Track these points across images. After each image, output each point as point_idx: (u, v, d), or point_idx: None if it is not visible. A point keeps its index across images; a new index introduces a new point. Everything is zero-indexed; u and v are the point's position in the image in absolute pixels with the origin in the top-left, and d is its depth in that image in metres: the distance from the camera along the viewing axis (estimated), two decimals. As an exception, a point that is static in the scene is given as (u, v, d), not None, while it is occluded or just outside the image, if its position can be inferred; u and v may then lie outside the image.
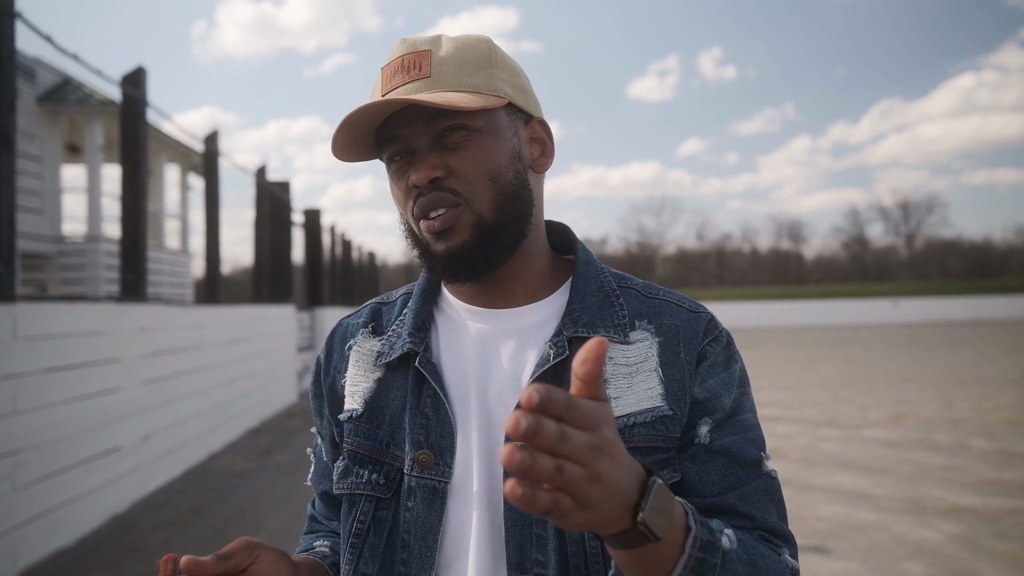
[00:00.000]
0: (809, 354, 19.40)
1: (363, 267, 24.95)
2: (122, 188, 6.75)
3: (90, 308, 5.54)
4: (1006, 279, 53.73)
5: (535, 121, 0.97)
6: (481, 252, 0.90)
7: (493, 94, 0.90)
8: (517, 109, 0.94)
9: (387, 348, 0.98)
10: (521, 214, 0.93)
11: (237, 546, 0.85)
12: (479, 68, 0.91)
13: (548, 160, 0.98)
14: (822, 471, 6.54)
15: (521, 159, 0.93)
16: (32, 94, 10.49)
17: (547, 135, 0.98)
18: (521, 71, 0.97)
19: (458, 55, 0.90)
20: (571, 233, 1.05)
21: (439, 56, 0.90)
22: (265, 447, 8.24)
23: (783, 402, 10.82)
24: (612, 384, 0.90)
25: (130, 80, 6.75)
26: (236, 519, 5.48)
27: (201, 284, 11.80)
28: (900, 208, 69.54)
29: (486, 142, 0.90)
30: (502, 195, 0.90)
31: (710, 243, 71.71)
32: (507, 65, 0.94)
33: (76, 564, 4.55)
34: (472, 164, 0.89)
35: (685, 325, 0.94)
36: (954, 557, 4.34)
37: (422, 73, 0.89)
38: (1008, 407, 9.77)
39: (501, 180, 0.90)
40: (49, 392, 4.78)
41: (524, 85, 0.96)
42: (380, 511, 0.92)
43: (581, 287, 0.96)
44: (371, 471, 0.93)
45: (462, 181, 0.89)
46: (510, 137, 0.92)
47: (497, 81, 0.91)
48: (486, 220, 0.89)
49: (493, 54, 0.93)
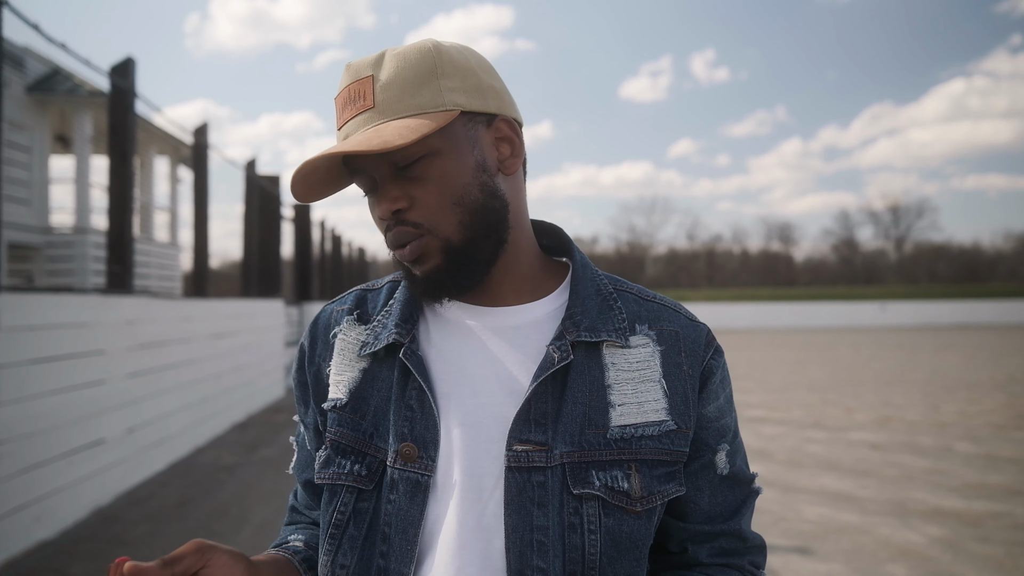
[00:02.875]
0: (797, 356, 19.48)
1: (353, 262, 24.91)
2: (110, 179, 6.71)
3: (76, 300, 5.51)
4: (994, 284, 54.02)
5: (498, 120, 0.92)
6: (454, 274, 0.90)
7: (441, 109, 0.86)
8: (475, 114, 0.90)
9: (372, 338, 0.96)
10: (492, 225, 0.91)
11: (187, 549, 0.82)
12: (423, 84, 0.87)
13: (517, 160, 0.94)
14: (807, 473, 6.56)
15: (486, 168, 0.90)
16: (21, 84, 10.40)
17: (514, 132, 0.93)
18: (477, 66, 0.92)
19: (400, 76, 0.87)
20: (565, 235, 1.04)
21: (381, 82, 0.87)
22: (251, 441, 8.21)
23: (770, 403, 10.86)
24: (616, 390, 0.90)
25: (119, 71, 6.70)
26: (221, 513, 5.45)
27: (189, 277, 11.75)
28: (890, 212, 69.81)
29: (445, 164, 0.87)
30: (468, 215, 0.88)
31: (700, 244, 71.81)
32: (456, 68, 0.89)
33: (59, 556, 4.52)
34: (434, 192, 0.87)
35: (684, 333, 0.95)
36: (937, 560, 4.36)
37: (366, 104, 0.87)
38: (993, 411, 9.82)
39: (466, 200, 0.88)
40: (33, 383, 4.75)
41: (481, 83, 0.91)
42: (361, 503, 0.91)
43: (580, 290, 0.95)
44: (353, 462, 0.92)
45: (424, 212, 0.88)
46: (470, 149, 0.89)
47: (444, 93, 0.87)
48: (454, 243, 0.88)
49: (437, 63, 0.88)
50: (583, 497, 0.86)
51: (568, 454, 0.87)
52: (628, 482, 0.87)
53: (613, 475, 0.87)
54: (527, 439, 0.87)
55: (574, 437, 0.87)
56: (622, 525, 0.87)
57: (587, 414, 0.88)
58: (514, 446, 0.86)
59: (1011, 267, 62.74)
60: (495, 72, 0.95)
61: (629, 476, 0.87)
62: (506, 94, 0.95)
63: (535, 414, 0.88)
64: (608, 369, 0.91)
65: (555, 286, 0.98)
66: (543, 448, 0.86)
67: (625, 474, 0.87)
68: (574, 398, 0.89)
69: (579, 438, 0.87)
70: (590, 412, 0.88)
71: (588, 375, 0.90)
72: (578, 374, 0.90)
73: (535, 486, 0.86)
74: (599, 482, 0.86)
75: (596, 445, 0.87)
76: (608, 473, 0.87)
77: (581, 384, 0.89)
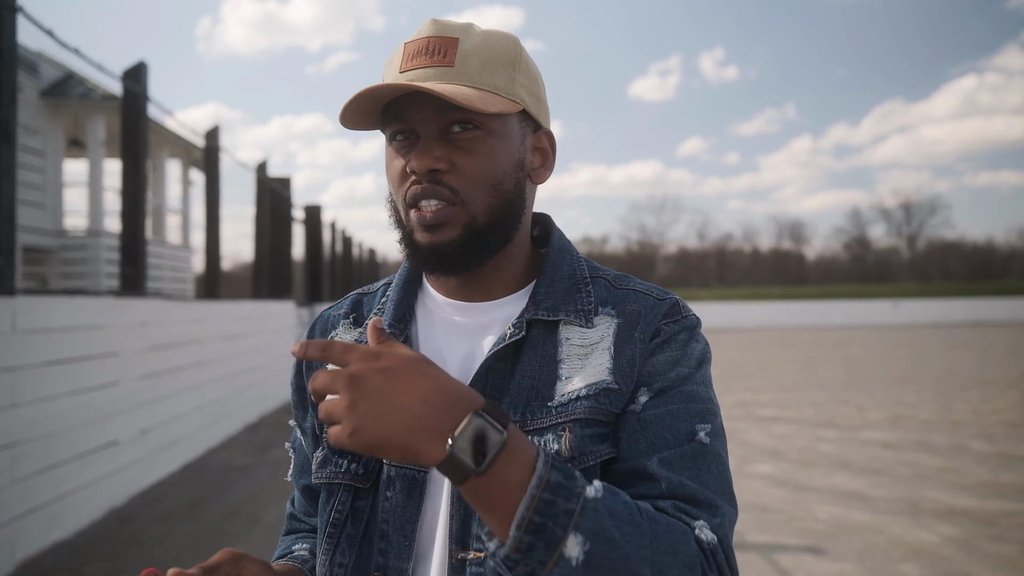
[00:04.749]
0: (809, 355, 19.39)
1: (363, 264, 24.96)
2: (122, 182, 6.76)
3: (89, 302, 5.55)
4: (1008, 281, 53.62)
5: (543, 132, 0.96)
6: (465, 252, 0.90)
7: (511, 98, 0.89)
8: (529, 117, 0.94)
9: (366, 338, 0.98)
10: (511, 221, 0.92)
11: (222, 558, 0.84)
12: (502, 68, 0.89)
13: (547, 172, 0.97)
14: (820, 472, 6.54)
15: (523, 168, 0.93)
16: (35, 88, 10.49)
17: (551, 147, 0.97)
18: (540, 79, 0.97)
19: (484, 50, 0.89)
20: (550, 222, 1.04)
21: (465, 47, 0.88)
22: (263, 442, 8.25)
23: (781, 402, 10.82)
24: (566, 363, 0.89)
25: (131, 75, 6.75)
26: (233, 513, 5.48)
27: (201, 279, 11.81)
28: (902, 209, 69.50)
29: (495, 146, 0.89)
30: (499, 201, 0.90)
31: (711, 243, 71.70)
32: (529, 71, 0.93)
33: (74, 556, 4.56)
34: (477, 166, 0.88)
35: (647, 310, 0.93)
36: (950, 559, 4.34)
37: (445, 61, 0.87)
38: (1007, 410, 9.76)
39: (502, 187, 0.90)
40: (48, 385, 4.79)
41: (540, 94, 0.95)
42: (358, 501, 0.92)
43: (550, 273, 0.96)
44: (350, 460, 0.93)
45: (463, 180, 0.87)
46: (518, 144, 0.92)
47: (517, 85, 0.90)
48: (479, 223, 0.89)
49: (518, 57, 0.92)
50: None
51: None
52: (559, 443, 0.85)
53: (546, 439, 0.86)
54: None
55: (519, 407, 0.87)
56: None
57: (534, 386, 0.89)
58: None
59: (1025, 264, 62.23)
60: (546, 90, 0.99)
61: (561, 438, 0.85)
62: (549, 114, 0.99)
63: (490, 389, 0.89)
64: (561, 344, 0.91)
65: (536, 275, 0.99)
66: None
67: (557, 436, 0.85)
68: (523, 371, 0.89)
69: (524, 408, 0.87)
70: (538, 384, 0.89)
71: (540, 350, 0.90)
72: (531, 349, 0.90)
73: None
74: None
75: (538, 414, 0.87)
76: (542, 437, 0.86)
77: (532, 358, 0.90)
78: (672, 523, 0.77)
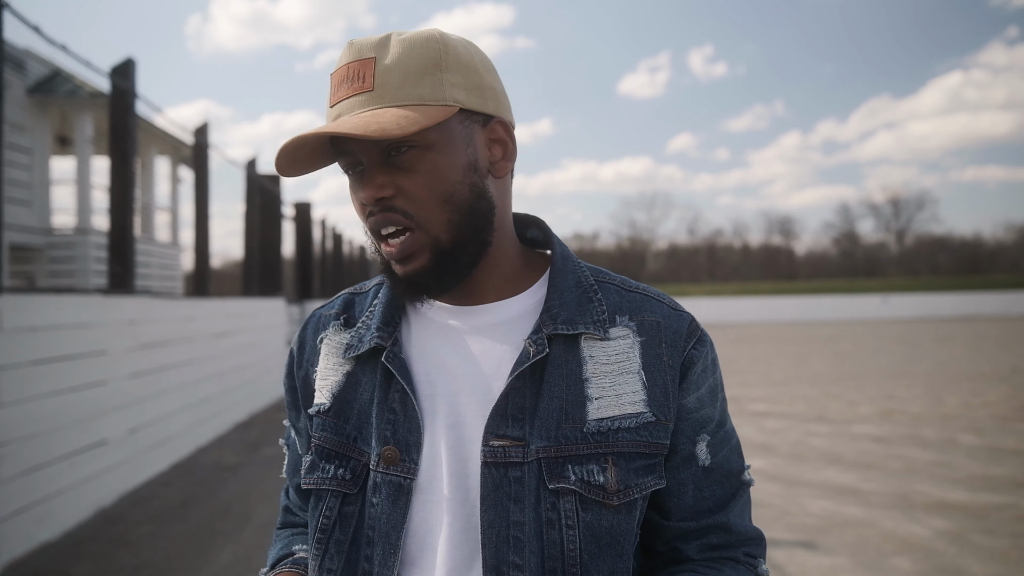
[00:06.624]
0: (799, 349, 19.45)
1: (354, 261, 24.88)
2: (111, 180, 6.71)
3: (77, 300, 5.51)
4: (996, 275, 53.99)
5: (495, 121, 0.91)
6: (438, 277, 0.88)
7: (440, 103, 0.84)
8: (472, 112, 0.88)
9: (356, 341, 0.96)
10: (479, 228, 0.89)
11: None
12: (426, 75, 0.84)
13: (509, 163, 0.93)
14: (811, 466, 6.55)
15: (477, 169, 0.89)
16: (22, 85, 10.39)
17: (508, 135, 0.92)
18: (480, 66, 0.90)
19: (403, 62, 0.84)
20: (546, 227, 1.03)
21: (383, 65, 0.84)
22: (253, 441, 8.21)
23: (773, 397, 10.84)
24: (594, 383, 0.88)
25: (119, 72, 6.70)
26: (223, 513, 5.45)
27: (191, 277, 11.75)
28: (890, 204, 69.81)
29: (437, 160, 0.85)
30: (457, 214, 0.87)
31: (701, 238, 71.82)
32: (460, 64, 0.87)
33: (62, 557, 4.52)
34: (422, 186, 0.85)
35: (666, 323, 0.92)
36: (942, 553, 4.35)
37: (364, 86, 0.84)
38: (997, 403, 9.81)
39: (455, 199, 0.86)
40: (35, 384, 4.74)
41: (482, 81, 0.89)
42: (346, 506, 0.91)
43: (559, 283, 0.94)
44: (337, 466, 0.92)
45: (412, 203, 0.85)
46: (464, 147, 0.87)
47: (446, 87, 0.85)
48: (443, 242, 0.87)
49: (443, 56, 0.86)
50: (559, 492, 0.85)
51: (544, 449, 0.86)
52: (604, 475, 0.85)
53: (589, 469, 0.85)
54: (503, 434, 0.86)
55: (550, 432, 0.86)
56: (601, 520, 0.85)
57: (564, 408, 0.87)
58: (490, 441, 0.86)
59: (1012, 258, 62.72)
60: (495, 72, 0.94)
61: (605, 469, 0.85)
62: (503, 96, 0.93)
63: (512, 409, 0.87)
64: (586, 362, 0.89)
65: (535, 279, 0.97)
66: (519, 443, 0.86)
67: (601, 467, 0.85)
68: (551, 392, 0.87)
69: (556, 432, 0.86)
70: (567, 406, 0.87)
71: (565, 368, 0.89)
72: (555, 368, 0.89)
73: (511, 481, 0.85)
74: (575, 476, 0.85)
75: (573, 439, 0.86)
76: (584, 467, 0.85)
77: (558, 378, 0.88)
78: (740, 570, 0.93)
